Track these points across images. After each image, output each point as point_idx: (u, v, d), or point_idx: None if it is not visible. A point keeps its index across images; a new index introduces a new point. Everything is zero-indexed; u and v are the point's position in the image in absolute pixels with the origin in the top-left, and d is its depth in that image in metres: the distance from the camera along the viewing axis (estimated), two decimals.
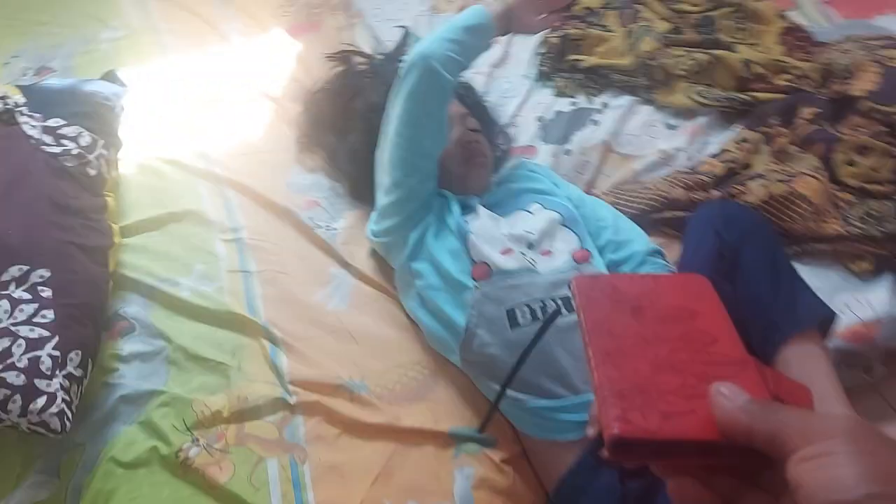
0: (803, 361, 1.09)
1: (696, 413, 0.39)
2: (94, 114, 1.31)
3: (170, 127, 1.49)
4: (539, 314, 1.10)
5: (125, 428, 1.13)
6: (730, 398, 0.39)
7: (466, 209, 1.24)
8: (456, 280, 1.14)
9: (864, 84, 1.45)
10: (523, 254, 1.16)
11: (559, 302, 1.12)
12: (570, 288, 0.48)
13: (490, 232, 1.17)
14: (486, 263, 1.14)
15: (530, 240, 1.19)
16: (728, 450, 0.38)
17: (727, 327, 0.45)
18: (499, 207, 1.27)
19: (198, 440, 1.11)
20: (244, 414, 1.14)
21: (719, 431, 0.38)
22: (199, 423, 1.13)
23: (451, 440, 1.15)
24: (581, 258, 1.18)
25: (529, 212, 1.24)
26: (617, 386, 0.41)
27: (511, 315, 1.10)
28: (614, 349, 0.43)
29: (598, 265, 1.20)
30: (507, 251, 1.15)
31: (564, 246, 1.19)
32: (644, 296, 0.47)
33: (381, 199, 1.26)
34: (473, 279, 1.13)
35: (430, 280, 1.18)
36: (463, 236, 1.17)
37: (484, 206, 1.26)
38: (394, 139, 1.22)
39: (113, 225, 1.25)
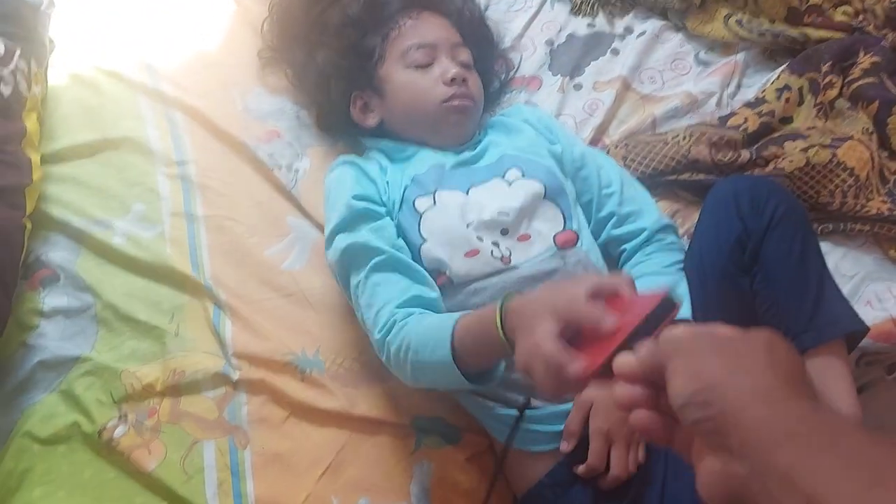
0: (820, 377, 0.95)
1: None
2: (11, 15, 1.08)
3: (111, 29, 1.25)
4: None
5: (43, 396, 1.00)
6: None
7: (424, 190, 1.04)
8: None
9: None
10: (495, 245, 0.98)
11: None
12: None
13: (451, 229, 0.99)
14: (443, 272, 0.96)
15: (505, 224, 1.00)
16: None
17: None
18: (472, 171, 1.08)
19: (126, 416, 0.99)
20: (180, 388, 1.01)
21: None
22: (128, 396, 1.00)
23: (411, 431, 1.02)
24: (565, 242, 1.00)
25: (507, 181, 1.05)
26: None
27: None
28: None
29: (587, 248, 1.02)
30: (472, 252, 0.97)
31: (546, 227, 1.01)
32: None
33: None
34: None
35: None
36: (414, 248, 1.00)
37: (455, 164, 1.08)
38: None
39: (33, 156, 1.06)
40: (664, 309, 0.59)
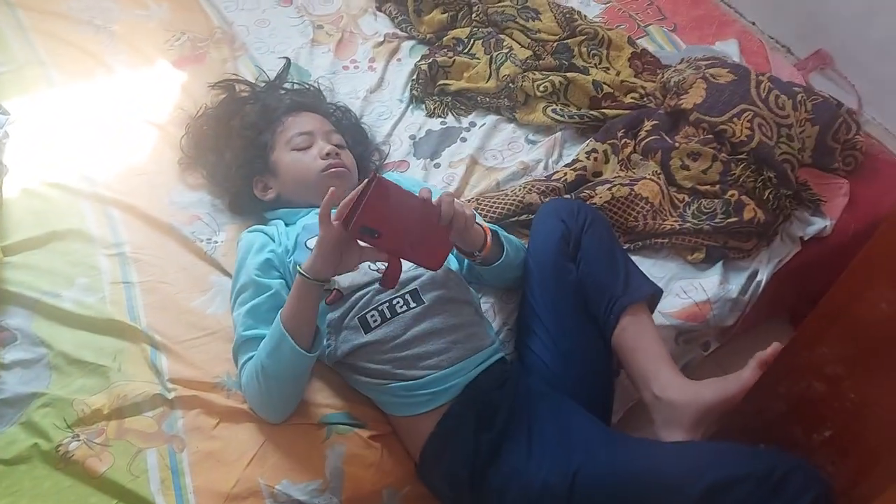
0: (635, 328, 1.26)
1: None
2: None
3: (55, 153, 1.54)
4: (387, 314, 1.22)
5: (5, 429, 1.17)
6: None
7: (312, 233, 1.28)
8: None
9: (693, 98, 1.64)
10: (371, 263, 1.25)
11: (407, 297, 1.23)
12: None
13: None
14: (336, 289, 1.24)
15: None
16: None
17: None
18: None
19: (78, 436, 1.17)
20: (124, 410, 1.20)
21: None
22: (79, 420, 1.18)
23: (322, 425, 1.23)
24: None
25: None
26: None
27: (363, 322, 1.22)
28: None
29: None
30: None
31: None
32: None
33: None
34: (325, 304, 1.23)
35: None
36: None
37: None
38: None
39: None
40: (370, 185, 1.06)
